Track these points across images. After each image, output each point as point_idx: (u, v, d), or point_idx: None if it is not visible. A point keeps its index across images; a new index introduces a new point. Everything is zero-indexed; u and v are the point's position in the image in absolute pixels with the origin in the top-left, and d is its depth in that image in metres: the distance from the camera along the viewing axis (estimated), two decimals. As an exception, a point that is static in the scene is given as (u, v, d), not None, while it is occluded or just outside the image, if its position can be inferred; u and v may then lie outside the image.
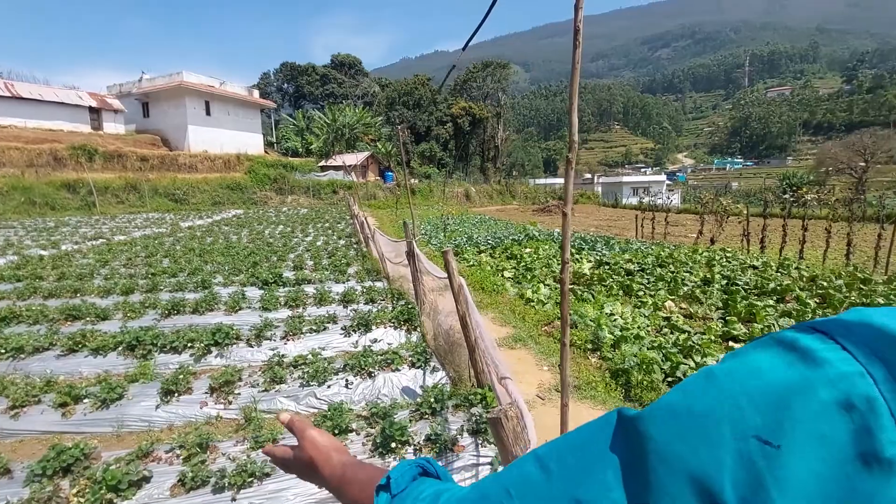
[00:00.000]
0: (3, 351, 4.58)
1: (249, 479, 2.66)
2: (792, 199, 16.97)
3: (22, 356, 4.56)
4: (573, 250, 11.57)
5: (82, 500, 2.54)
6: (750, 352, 0.30)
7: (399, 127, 8.53)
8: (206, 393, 3.77)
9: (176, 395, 3.72)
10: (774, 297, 7.05)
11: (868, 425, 0.24)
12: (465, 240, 14.28)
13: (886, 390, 0.24)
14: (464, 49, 2.74)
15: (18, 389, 3.73)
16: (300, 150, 41.15)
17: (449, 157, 48.71)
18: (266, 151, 38.43)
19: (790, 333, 0.29)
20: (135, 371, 4.11)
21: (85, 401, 3.66)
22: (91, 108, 29.30)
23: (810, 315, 5.88)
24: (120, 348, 4.65)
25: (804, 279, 8.25)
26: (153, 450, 2.99)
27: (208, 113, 32.64)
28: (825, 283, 7.62)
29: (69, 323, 5.54)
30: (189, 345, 4.68)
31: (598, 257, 10.65)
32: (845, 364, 0.26)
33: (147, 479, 2.71)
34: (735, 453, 0.26)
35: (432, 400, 3.38)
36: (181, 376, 3.85)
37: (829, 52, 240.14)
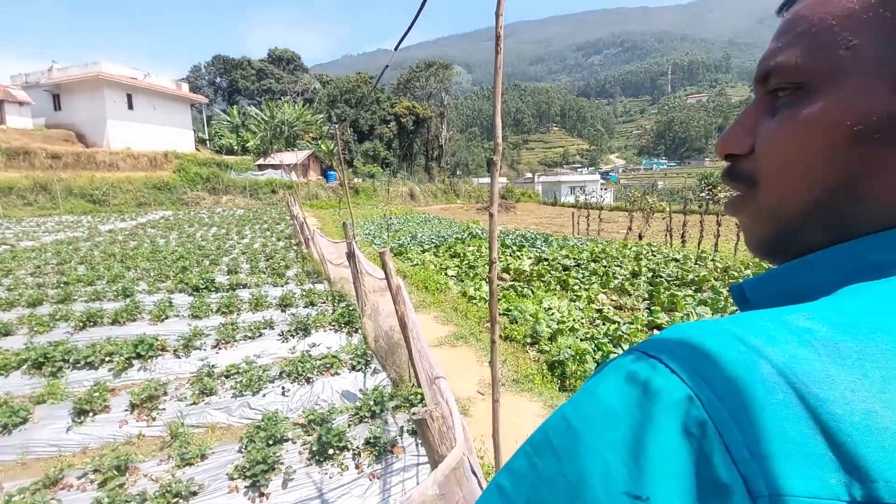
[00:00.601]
0: None
1: (174, 500, 2.51)
2: (709, 198, 18.50)
3: None
4: (514, 248, 11.90)
5: (-24, 538, 2.28)
6: (598, 393, 0.28)
7: (338, 125, 8.31)
8: (127, 410, 3.50)
9: (91, 414, 3.42)
10: (693, 287, 7.66)
11: (705, 451, 0.23)
12: (409, 239, 14.25)
13: (712, 410, 0.24)
14: (395, 48, 2.74)
15: None
16: (236, 147, 39.12)
17: (393, 157, 48.37)
18: (197, 149, 36.21)
19: (628, 365, 0.28)
20: (42, 391, 3.73)
21: (-20, 427, 3.28)
22: (-11, 100, 26.19)
23: (723, 303, 6.43)
24: (24, 367, 4.21)
25: (718, 269, 9.02)
26: (63, 476, 2.74)
27: (130, 107, 30.20)
28: (735, 273, 8.38)
29: (-39, 341, 4.93)
30: (107, 359, 4.31)
31: (537, 254, 11.02)
32: (677, 390, 0.25)
33: (55, 509, 2.48)
34: None
35: (372, 403, 3.35)
36: (97, 394, 3.55)
37: (740, 64, 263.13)
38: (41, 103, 29.09)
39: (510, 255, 10.86)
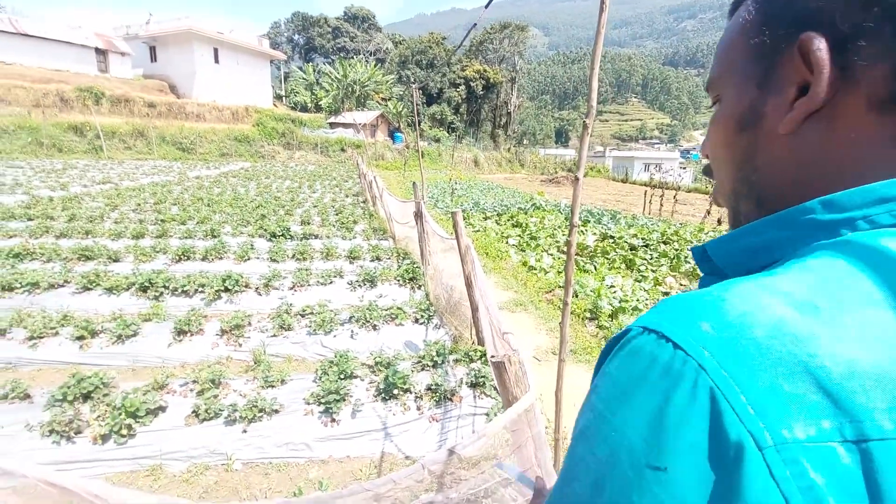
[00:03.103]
0: (18, 285, 4.73)
1: (259, 415, 2.82)
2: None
3: (37, 291, 4.72)
4: (579, 222, 11.58)
5: (102, 424, 2.71)
6: (611, 373, 0.31)
7: (413, 86, 8.35)
8: (217, 335, 3.93)
9: (188, 335, 3.88)
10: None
11: (714, 415, 0.25)
12: (471, 205, 14.27)
13: (716, 377, 0.26)
14: (486, 7, 2.69)
15: (36, 322, 3.88)
16: (309, 105, 40.44)
17: (459, 122, 47.84)
18: (275, 104, 37.80)
19: (633, 342, 0.31)
20: (148, 311, 4.26)
21: (101, 335, 3.82)
22: (97, 50, 28.66)
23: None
24: (132, 289, 4.79)
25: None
26: (168, 383, 3.16)
27: (217, 61, 31.92)
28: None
29: (82, 262, 5.68)
30: (200, 289, 4.82)
31: (603, 230, 10.67)
32: (680, 362, 0.27)
33: (163, 409, 2.88)
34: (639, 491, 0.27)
35: (434, 353, 3.52)
36: (193, 318, 4.00)
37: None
38: (140, 54, 31.44)
39: (574, 229, 10.60)
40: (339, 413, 2.91)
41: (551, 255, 8.03)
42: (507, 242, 9.08)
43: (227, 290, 4.81)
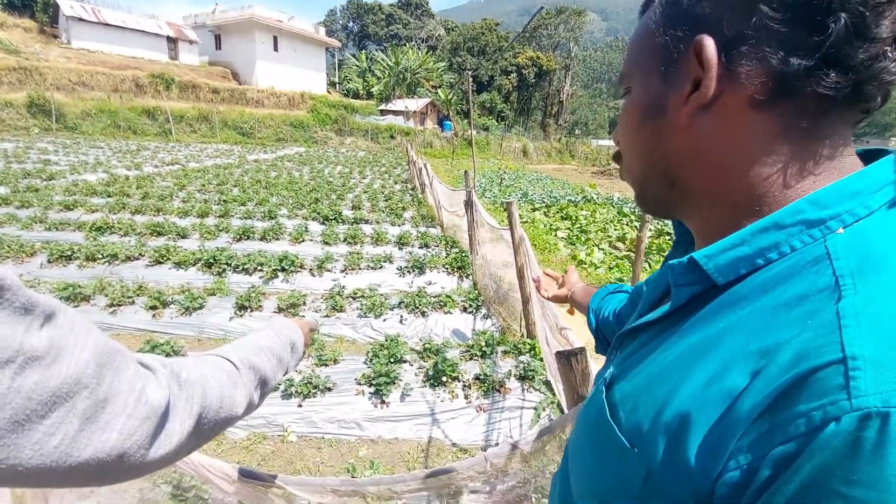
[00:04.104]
0: (100, 256, 5.14)
1: (313, 391, 2.93)
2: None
3: (116, 262, 5.11)
4: (634, 217, 11.15)
5: (172, 388, 2.90)
6: None
7: (466, 73, 8.26)
8: (275, 311, 4.11)
9: (248, 310, 4.08)
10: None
11: None
12: (519, 195, 14.06)
13: None
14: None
15: (115, 290, 4.21)
16: (361, 92, 41.12)
17: (509, 110, 47.10)
18: (328, 91, 38.72)
19: None
20: (212, 286, 4.52)
21: (171, 306, 4.09)
22: (168, 38, 30.39)
23: None
24: (198, 265, 5.09)
25: None
26: (230, 355, 3.33)
27: (276, 49, 33.00)
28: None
29: (154, 237, 6.10)
30: (258, 268, 5.05)
31: (658, 226, 10.21)
32: None
33: (226, 379, 3.05)
34: None
35: (483, 343, 3.51)
36: (253, 294, 4.20)
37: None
38: (205, 42, 33.04)
39: (627, 225, 10.21)
40: (389, 395, 2.97)
41: (602, 249, 7.78)
42: (555, 235, 8.89)
43: (283, 269, 5.02)
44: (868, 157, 0.42)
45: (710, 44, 0.39)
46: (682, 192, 0.46)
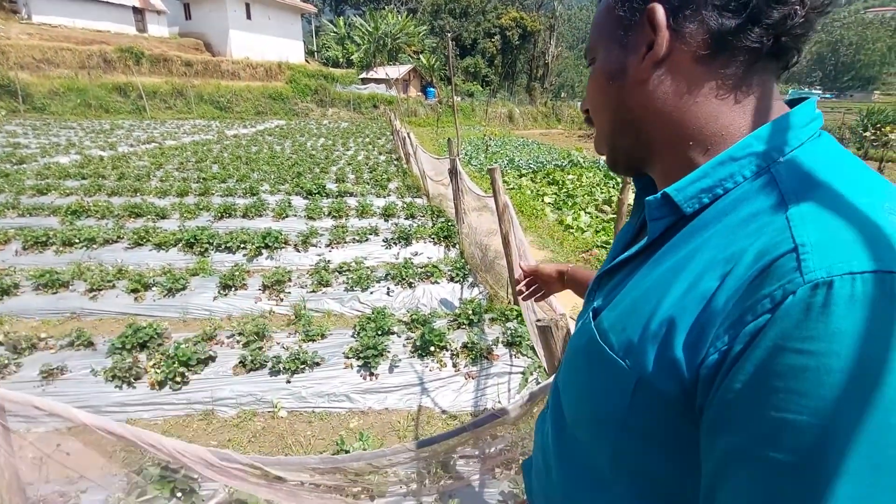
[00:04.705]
0: (77, 240, 5.01)
1: (301, 366, 2.93)
2: (873, 138, 15.26)
3: (94, 246, 4.98)
4: (619, 179, 11.10)
5: (158, 371, 2.88)
6: (880, 320, 0.33)
7: (448, 36, 7.92)
8: (260, 290, 4.06)
9: (233, 289, 4.03)
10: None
11: None
12: (506, 162, 13.92)
13: None
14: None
15: (94, 275, 4.12)
16: (341, 59, 39.73)
17: (494, 75, 45.96)
18: (307, 60, 37.37)
19: (884, 284, 0.34)
20: (194, 266, 4.44)
21: (153, 288, 4.02)
22: (135, 9, 28.81)
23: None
24: (179, 245, 4.99)
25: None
26: (216, 335, 3.31)
27: (249, 17, 31.52)
28: None
29: (132, 219, 5.94)
30: (242, 246, 4.96)
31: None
32: None
33: (212, 359, 3.04)
34: None
35: (470, 311, 3.51)
36: (237, 273, 4.14)
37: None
38: (174, 12, 31.39)
39: (613, 188, 10.18)
40: (378, 367, 2.98)
41: (589, 213, 7.77)
42: (542, 200, 8.84)
43: (267, 246, 4.94)
44: (792, 104, 0.49)
45: (660, 10, 0.46)
46: (646, 143, 0.53)
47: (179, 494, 1.72)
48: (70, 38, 24.01)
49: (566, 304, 4.41)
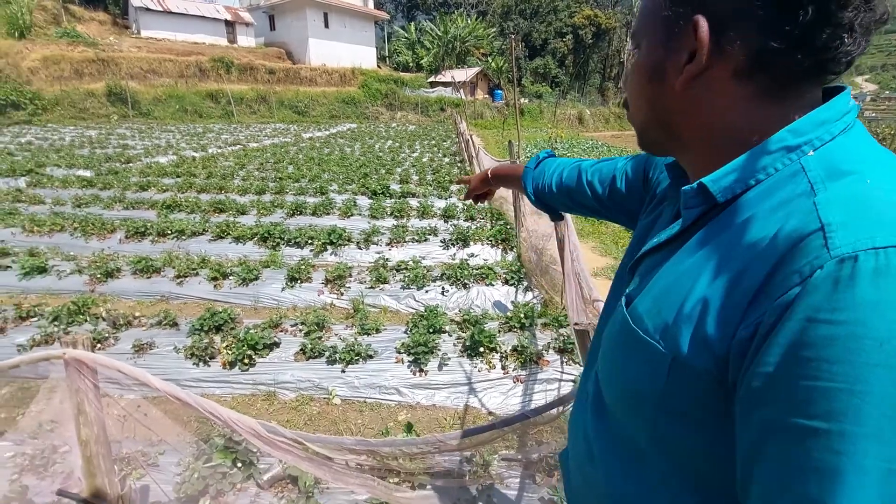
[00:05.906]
0: (170, 232, 5.58)
1: (356, 358, 3.07)
2: None
3: (183, 237, 5.53)
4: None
5: (229, 351, 3.15)
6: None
7: (512, 37, 7.84)
8: (323, 283, 4.30)
9: (299, 281, 4.30)
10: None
11: None
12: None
13: None
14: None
15: (182, 263, 4.58)
16: (411, 64, 40.75)
17: (564, 75, 44.91)
18: (378, 66, 38.74)
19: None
20: (266, 258, 4.79)
21: (230, 278, 4.40)
22: (227, 22, 31.51)
23: None
24: (255, 239, 5.40)
25: None
26: (281, 323, 3.55)
27: (326, 25, 33.29)
28: None
29: (216, 214, 6.52)
30: (309, 241, 5.27)
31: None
32: None
33: (277, 345, 3.26)
34: None
35: (522, 315, 3.49)
36: (303, 267, 4.41)
37: None
38: (260, 24, 33.91)
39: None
40: (427, 364, 3.05)
41: (658, 219, 7.38)
42: (608, 205, 8.52)
43: (332, 243, 5.21)
44: (827, 93, 0.49)
45: (704, 24, 0.47)
46: (677, 140, 0.56)
47: (240, 464, 1.88)
48: (172, 50, 26.73)
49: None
